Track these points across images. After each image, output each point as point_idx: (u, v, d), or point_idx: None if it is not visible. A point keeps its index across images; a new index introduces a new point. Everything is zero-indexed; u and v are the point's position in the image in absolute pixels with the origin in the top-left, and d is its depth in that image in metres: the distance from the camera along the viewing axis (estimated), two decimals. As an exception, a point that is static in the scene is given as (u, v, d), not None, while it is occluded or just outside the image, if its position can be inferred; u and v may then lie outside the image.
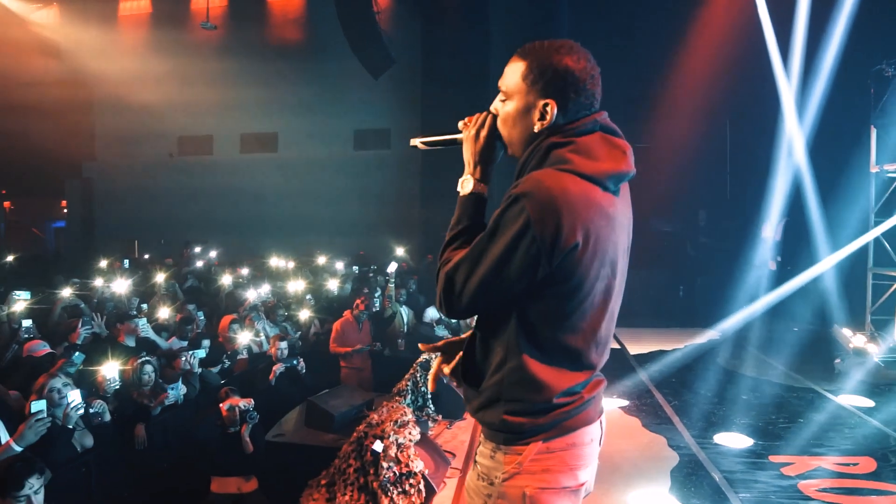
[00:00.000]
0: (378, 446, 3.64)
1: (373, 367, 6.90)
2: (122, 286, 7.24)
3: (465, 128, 1.74)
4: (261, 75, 15.06)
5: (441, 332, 7.70)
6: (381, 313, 7.99)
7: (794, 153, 9.98)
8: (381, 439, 3.69)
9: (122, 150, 16.72)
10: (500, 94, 1.67)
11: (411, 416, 4.12)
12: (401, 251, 11.61)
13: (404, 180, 14.41)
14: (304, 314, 7.54)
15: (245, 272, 9.89)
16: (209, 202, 15.80)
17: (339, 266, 11.00)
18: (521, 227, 1.44)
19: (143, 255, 13.97)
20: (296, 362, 5.69)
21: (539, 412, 1.56)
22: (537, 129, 1.59)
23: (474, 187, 1.67)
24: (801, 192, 9.89)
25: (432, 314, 8.16)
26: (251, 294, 7.55)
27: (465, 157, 1.72)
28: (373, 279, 9.57)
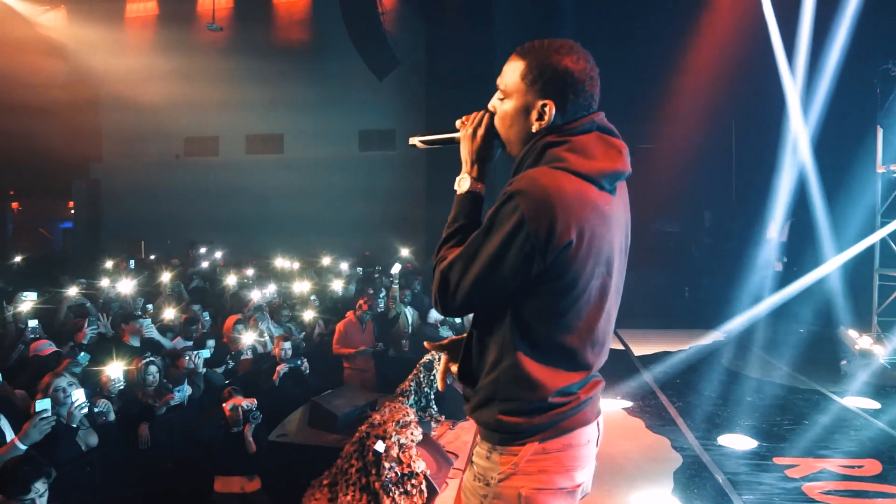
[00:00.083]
0: (380, 446, 3.64)
1: (376, 367, 6.91)
2: (127, 286, 7.28)
3: (462, 126, 1.74)
4: (266, 76, 15.11)
5: (445, 333, 7.70)
6: (386, 314, 8.01)
7: (799, 154, 9.93)
8: (383, 439, 3.69)
9: (129, 151, 16.81)
10: (498, 93, 1.67)
11: (413, 417, 4.12)
12: (405, 252, 11.62)
13: (409, 181, 14.43)
14: (309, 315, 7.56)
15: (250, 273, 9.93)
16: (215, 203, 15.86)
17: (343, 267, 11.03)
18: (516, 224, 1.44)
19: (150, 255, 14.04)
20: (299, 363, 5.71)
21: (534, 412, 1.55)
22: (535, 130, 1.58)
23: (471, 186, 1.68)
24: (807, 193, 9.84)
25: (436, 315, 8.16)
26: (255, 294, 7.58)
27: (462, 156, 1.72)
28: (377, 280, 9.58)
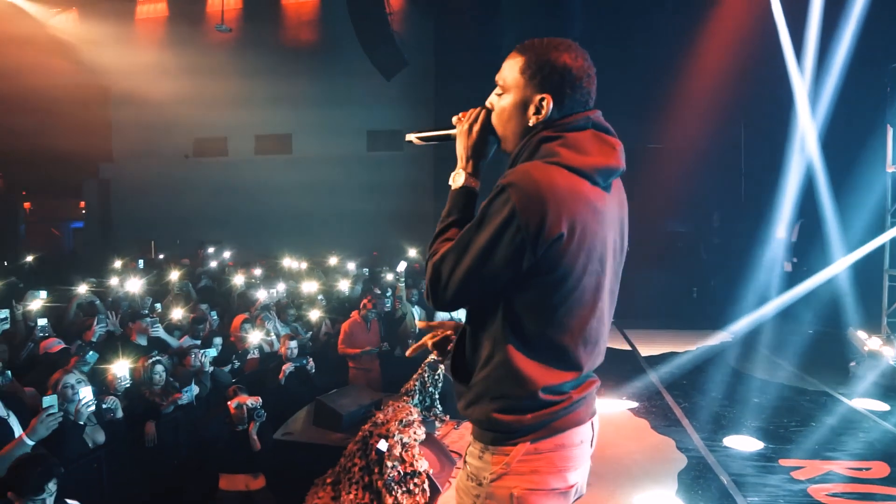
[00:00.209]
0: (383, 445, 3.66)
1: (381, 367, 6.93)
2: (135, 285, 7.35)
3: (459, 122, 1.76)
4: (275, 77, 15.18)
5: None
6: (392, 314, 8.03)
7: (808, 153, 9.86)
8: (386, 438, 3.71)
9: (139, 151, 16.96)
10: (496, 89, 1.69)
11: (417, 416, 4.14)
12: (413, 252, 11.64)
13: (417, 181, 14.46)
14: (315, 314, 7.59)
15: (258, 272, 9.99)
16: (224, 202, 15.96)
17: (350, 267, 11.08)
18: (507, 216, 1.45)
19: (159, 255, 14.15)
20: (305, 362, 5.74)
21: (525, 410, 1.55)
22: (532, 123, 1.60)
23: (465, 181, 1.69)
24: (816, 193, 9.77)
25: (443, 315, 8.16)
26: (262, 294, 7.63)
27: (457, 152, 1.74)
28: (383, 280, 9.61)
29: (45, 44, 15.83)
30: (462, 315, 2.90)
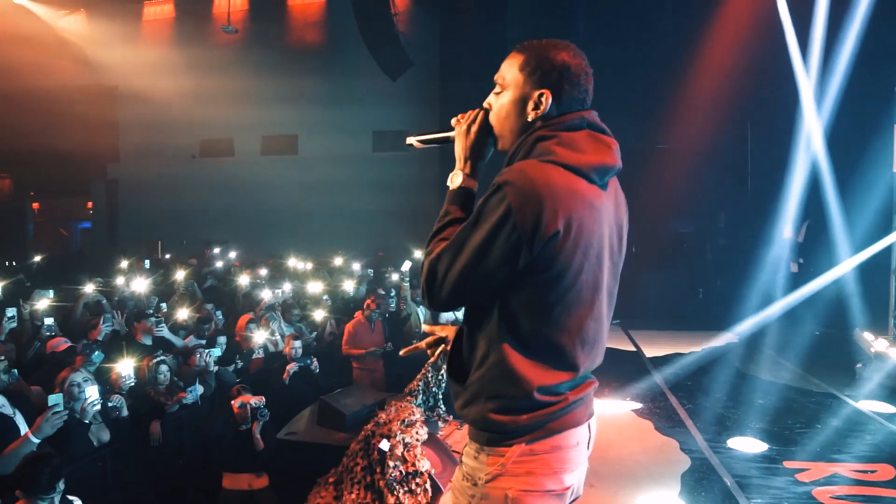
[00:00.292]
0: (385, 445, 3.67)
1: (385, 367, 6.94)
2: (141, 285, 7.39)
3: (457, 124, 1.77)
4: (281, 78, 15.25)
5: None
6: (397, 314, 8.04)
7: (815, 154, 9.81)
8: (388, 438, 3.72)
9: (146, 152, 17.07)
10: (495, 88, 1.70)
11: (419, 416, 4.14)
12: (419, 253, 11.65)
13: (422, 181, 14.47)
14: (319, 314, 7.61)
15: (263, 272, 10.03)
16: (230, 203, 16.05)
17: (355, 267, 11.12)
18: (503, 214, 1.45)
19: (165, 255, 14.24)
20: (309, 362, 5.76)
21: (521, 411, 1.55)
22: (531, 119, 1.61)
23: (463, 181, 1.70)
24: (822, 193, 9.72)
25: (448, 315, 8.15)
26: (266, 294, 7.66)
27: (456, 153, 1.75)
28: (388, 280, 9.63)
29: (53, 45, 15.97)
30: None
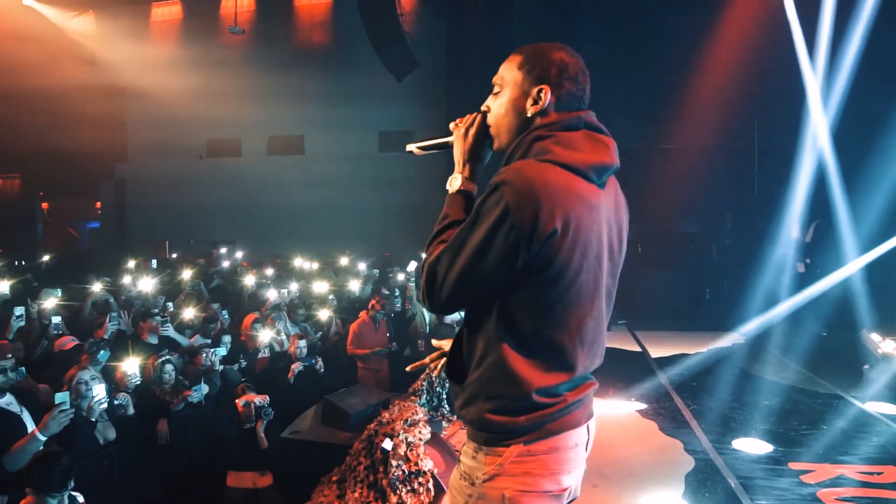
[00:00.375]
0: (388, 444, 3.68)
1: (390, 367, 6.96)
2: (148, 285, 7.44)
3: (455, 128, 1.77)
4: (287, 78, 15.30)
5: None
6: (402, 314, 8.06)
7: (822, 154, 9.76)
8: (391, 437, 3.73)
9: (153, 152, 17.17)
10: (493, 90, 1.71)
11: (422, 416, 4.15)
12: (424, 253, 11.66)
13: (429, 181, 14.48)
14: (325, 314, 7.64)
15: (269, 272, 10.08)
16: (237, 203, 16.12)
17: (361, 267, 11.15)
18: (501, 214, 1.45)
19: (173, 254, 14.33)
20: (313, 361, 5.78)
21: (519, 411, 1.54)
22: (530, 115, 1.62)
23: (462, 185, 1.70)
24: (829, 194, 9.67)
25: (454, 315, 8.16)
26: (272, 294, 7.69)
27: (454, 156, 1.75)
28: (394, 280, 9.65)
29: (62, 46, 16.11)
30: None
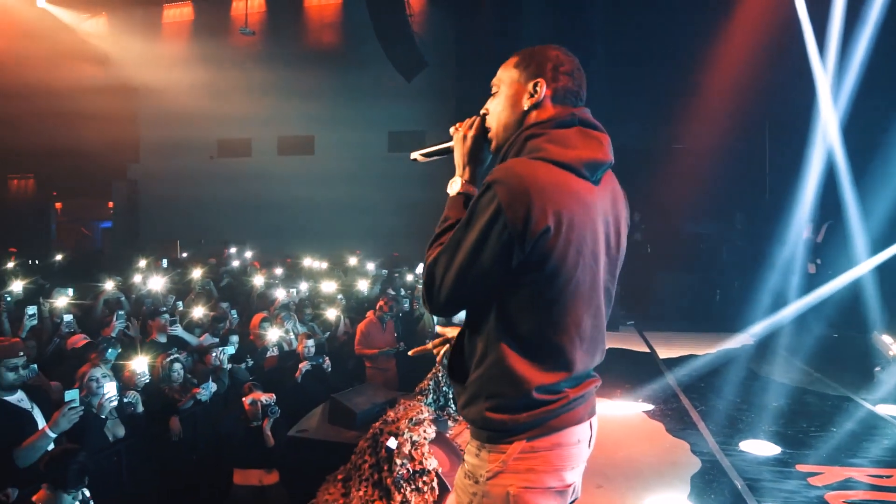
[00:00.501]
0: (392, 443, 3.71)
1: (398, 366, 6.99)
2: (158, 284, 7.52)
3: (455, 132, 1.80)
4: (298, 79, 15.39)
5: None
6: (410, 314, 8.09)
7: (833, 154, 9.67)
8: (396, 436, 3.76)
9: (165, 153, 17.33)
10: (492, 90, 1.74)
11: (427, 415, 4.17)
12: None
13: (439, 182, 14.46)
14: (332, 314, 7.68)
15: (278, 272, 10.15)
16: (248, 203, 16.23)
17: (370, 267, 11.20)
18: (493, 213, 1.47)
19: (183, 253, 14.45)
20: (321, 360, 5.82)
21: (519, 408, 1.55)
22: (526, 107, 1.65)
23: (462, 188, 1.72)
24: (840, 194, 9.58)
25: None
26: (280, 293, 7.75)
27: (455, 160, 1.78)
28: (398, 280, 9.68)
29: (76, 49, 16.29)
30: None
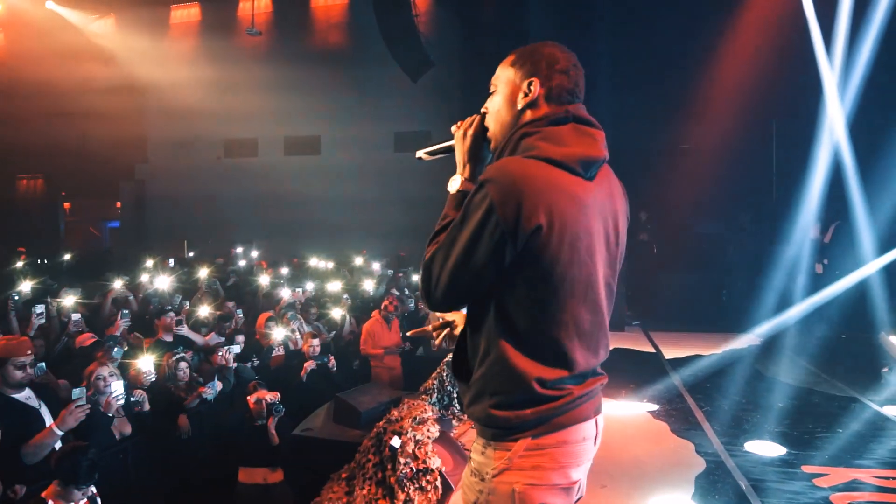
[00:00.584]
0: (396, 442, 3.72)
1: (404, 366, 7.01)
2: (164, 283, 7.58)
3: (456, 130, 1.82)
4: (304, 80, 15.41)
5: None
6: (416, 313, 8.11)
7: (841, 154, 9.62)
8: (400, 435, 3.77)
9: (172, 153, 17.44)
10: (490, 89, 1.75)
11: (431, 414, 4.19)
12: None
13: (445, 182, 14.47)
14: (338, 313, 7.71)
15: (284, 271, 10.19)
16: (255, 203, 16.30)
17: (375, 267, 11.24)
18: (486, 211, 1.48)
19: (190, 253, 14.54)
20: (326, 360, 5.85)
21: (523, 405, 1.56)
22: (521, 106, 1.66)
23: (461, 185, 1.74)
24: (848, 194, 9.52)
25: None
26: (285, 293, 7.78)
27: (456, 158, 1.80)
28: (403, 280, 9.71)
29: (84, 50, 16.42)
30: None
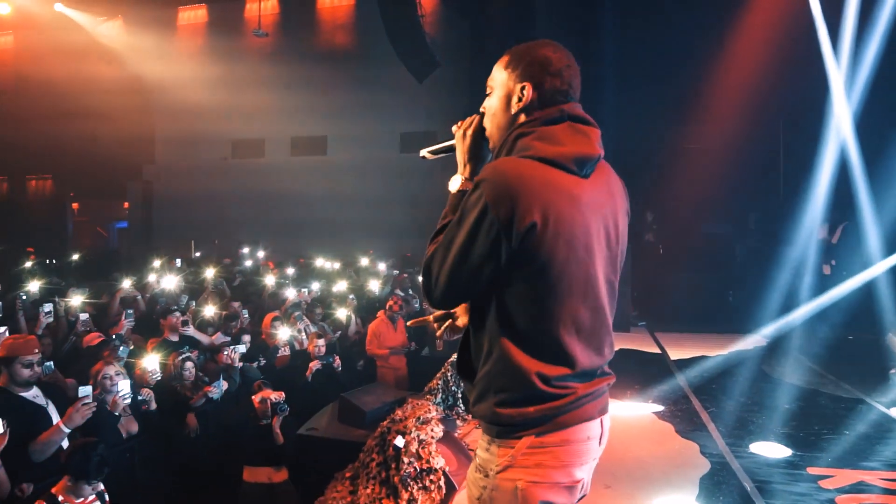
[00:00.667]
0: (399, 441, 3.74)
1: (409, 366, 7.02)
2: (171, 283, 7.62)
3: (457, 130, 1.84)
4: (310, 80, 15.49)
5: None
6: (421, 313, 8.12)
7: (848, 155, 9.56)
8: (403, 435, 3.79)
9: (180, 154, 17.54)
10: (487, 90, 1.77)
11: (435, 414, 4.20)
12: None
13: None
14: (343, 313, 7.73)
15: (290, 272, 10.23)
16: (261, 203, 16.37)
17: (381, 267, 11.26)
18: (481, 210, 1.50)
19: (197, 253, 14.61)
20: (331, 360, 5.87)
21: (526, 402, 1.57)
22: (514, 111, 1.67)
23: (462, 185, 1.76)
24: (855, 194, 9.47)
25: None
26: (291, 293, 7.81)
27: (457, 158, 1.82)
28: (407, 280, 9.72)
29: (92, 51, 16.54)
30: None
